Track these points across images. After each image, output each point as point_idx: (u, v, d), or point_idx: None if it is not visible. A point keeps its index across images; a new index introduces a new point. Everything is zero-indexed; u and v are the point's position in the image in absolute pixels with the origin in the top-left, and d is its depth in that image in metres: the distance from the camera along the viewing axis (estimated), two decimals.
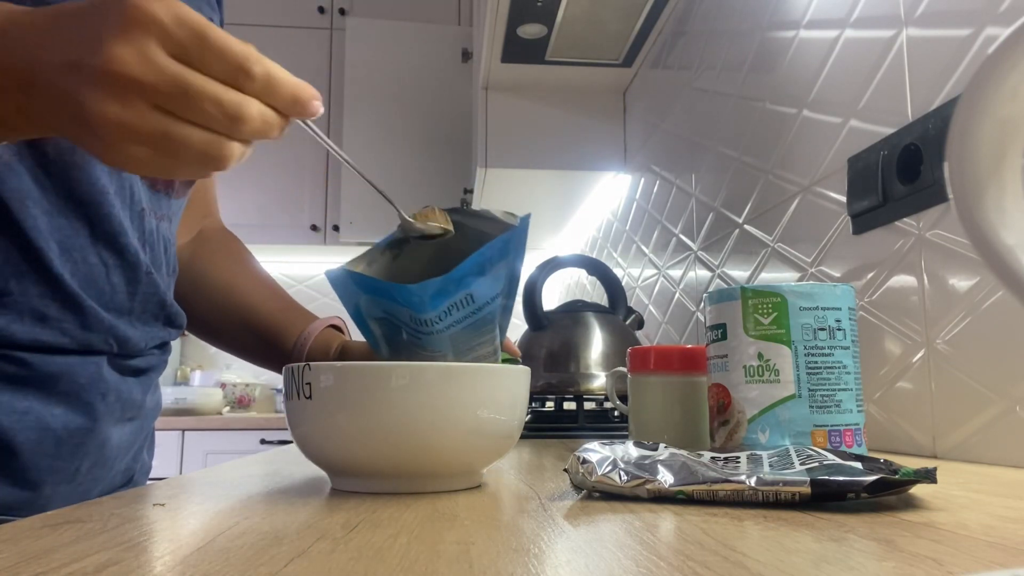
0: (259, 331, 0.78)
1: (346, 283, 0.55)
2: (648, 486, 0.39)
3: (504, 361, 0.70)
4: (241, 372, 2.92)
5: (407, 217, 0.56)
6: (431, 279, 0.51)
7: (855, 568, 0.24)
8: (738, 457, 0.43)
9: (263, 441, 2.46)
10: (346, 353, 0.76)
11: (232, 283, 0.80)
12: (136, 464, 0.69)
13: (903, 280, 0.75)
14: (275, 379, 3.02)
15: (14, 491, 0.54)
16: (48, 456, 0.56)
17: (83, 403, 0.57)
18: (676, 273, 1.51)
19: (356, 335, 0.80)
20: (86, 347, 0.57)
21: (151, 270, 0.62)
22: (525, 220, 0.56)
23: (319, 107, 0.42)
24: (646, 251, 1.73)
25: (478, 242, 0.53)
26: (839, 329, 0.55)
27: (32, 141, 0.53)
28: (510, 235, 0.54)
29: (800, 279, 0.97)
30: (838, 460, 0.39)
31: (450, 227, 0.57)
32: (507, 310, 0.60)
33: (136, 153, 0.38)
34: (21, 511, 0.54)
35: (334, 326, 0.80)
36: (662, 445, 0.47)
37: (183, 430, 2.44)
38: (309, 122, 0.44)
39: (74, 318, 0.56)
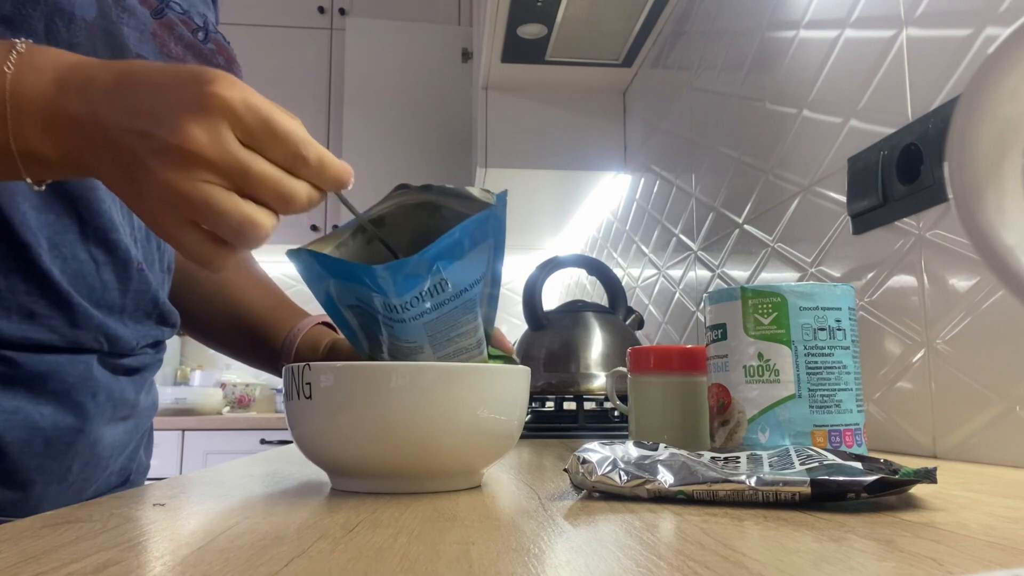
0: (248, 328, 0.78)
1: (311, 266, 0.50)
2: (648, 486, 0.39)
3: (495, 358, 0.65)
4: (241, 372, 2.92)
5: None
6: (400, 259, 0.47)
7: (855, 568, 0.24)
8: (738, 457, 0.43)
9: (263, 441, 2.46)
10: (335, 350, 0.75)
11: (224, 281, 0.79)
12: (132, 464, 0.68)
13: (903, 280, 0.75)
14: (275, 379, 3.02)
15: (4, 491, 0.54)
16: (37, 456, 0.55)
17: (73, 402, 0.57)
18: (676, 273, 1.51)
19: None
20: (75, 345, 0.57)
21: (143, 267, 0.62)
22: (502, 197, 0.51)
23: (351, 182, 0.46)
24: (646, 251, 1.73)
25: (456, 223, 0.49)
26: (839, 329, 0.55)
27: None
28: (486, 215, 0.49)
29: (800, 279, 0.97)
30: (838, 460, 0.39)
31: None
32: (492, 300, 0.56)
33: (177, 218, 0.41)
34: (12, 511, 0.54)
35: (326, 323, 0.79)
36: (662, 445, 0.47)
37: (183, 430, 2.44)
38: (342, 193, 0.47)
39: (63, 315, 0.56)
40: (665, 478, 0.40)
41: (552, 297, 2.95)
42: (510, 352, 0.69)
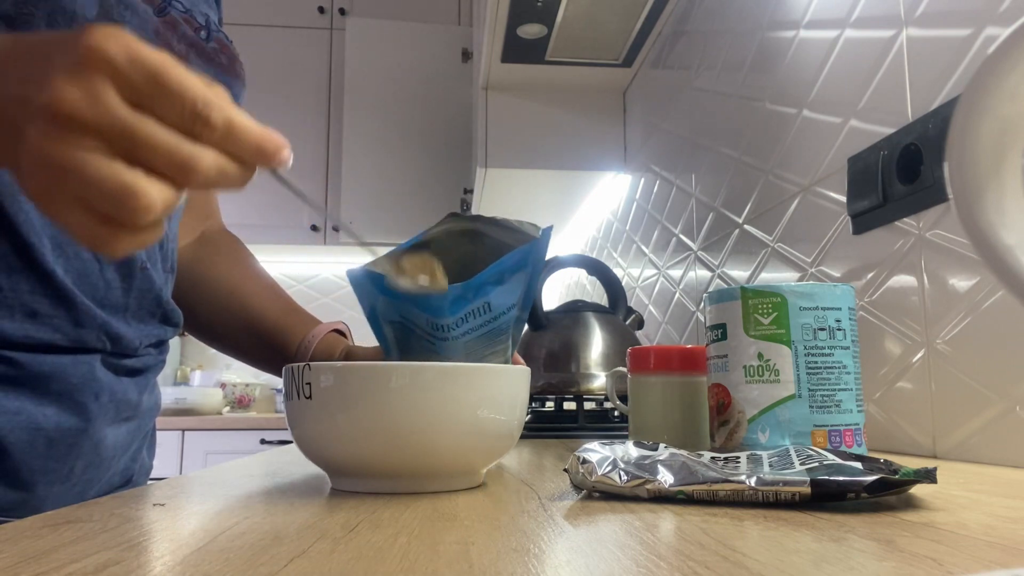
0: (262, 334, 0.78)
1: (365, 283, 0.55)
2: (648, 486, 0.39)
3: None
4: (241, 372, 2.93)
5: (390, 272, 0.53)
6: (452, 284, 0.51)
7: (855, 568, 0.24)
8: (738, 457, 0.43)
9: (263, 441, 2.46)
10: (351, 358, 0.75)
11: (235, 286, 0.80)
12: (135, 464, 0.69)
13: (903, 280, 0.75)
14: (275, 379, 3.02)
15: (7, 492, 0.54)
16: (40, 457, 0.55)
17: (76, 403, 0.57)
18: (676, 273, 1.51)
19: (359, 340, 0.80)
20: (78, 344, 0.57)
21: (146, 266, 0.62)
22: (547, 232, 0.56)
23: (288, 157, 0.39)
24: (646, 251, 1.73)
25: (498, 252, 0.53)
26: (839, 329, 0.55)
27: None
28: (531, 246, 0.54)
29: (800, 279, 0.97)
30: (838, 460, 0.39)
31: (443, 285, 0.54)
32: (520, 322, 0.60)
33: (62, 196, 0.35)
34: (15, 512, 0.54)
35: (338, 331, 0.79)
36: (662, 445, 0.47)
37: (183, 430, 2.44)
38: (280, 172, 0.40)
39: (66, 314, 0.56)
40: (665, 478, 0.40)
41: (552, 297, 2.95)
42: None
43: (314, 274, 3.17)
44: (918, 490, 0.42)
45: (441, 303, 0.51)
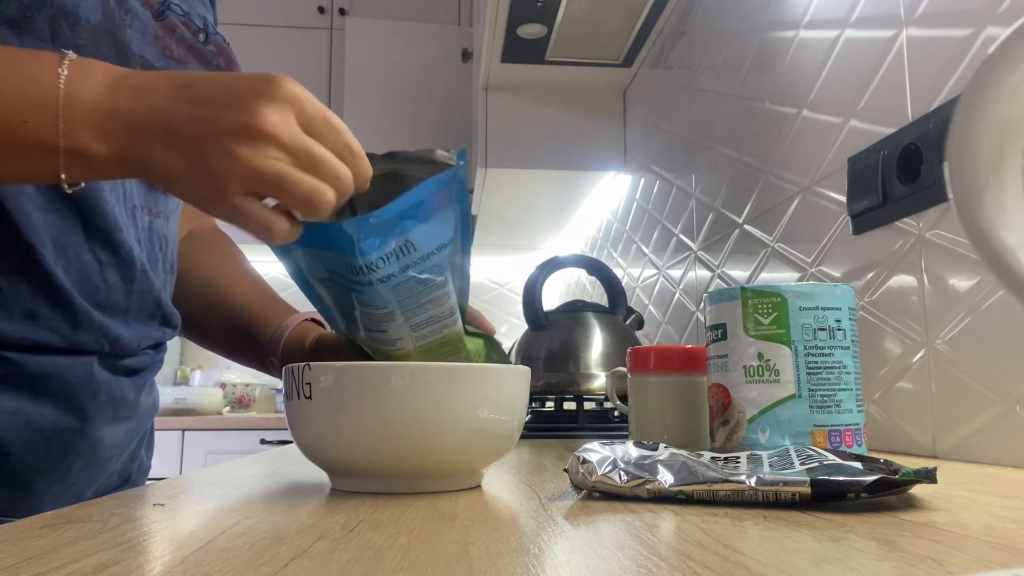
0: (239, 325, 0.78)
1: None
2: (648, 486, 0.39)
3: (472, 336, 0.65)
4: (241, 372, 2.92)
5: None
6: (362, 215, 0.48)
7: (855, 568, 0.24)
8: (738, 457, 0.43)
9: (263, 441, 2.46)
10: (320, 345, 0.75)
11: (215, 278, 0.80)
12: (133, 464, 0.69)
13: (903, 280, 0.75)
14: (275, 379, 3.01)
15: (5, 491, 0.54)
16: (38, 456, 0.55)
17: (73, 403, 0.57)
18: (676, 273, 1.51)
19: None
20: (76, 346, 0.57)
21: (146, 267, 0.62)
22: (463, 154, 0.53)
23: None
24: (646, 251, 1.73)
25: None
26: (839, 329, 0.55)
27: None
28: (448, 175, 0.51)
29: (800, 279, 0.97)
30: (838, 460, 0.39)
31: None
32: (461, 269, 0.56)
33: (243, 191, 0.44)
34: (13, 511, 0.54)
35: (314, 319, 0.79)
36: (662, 445, 0.47)
37: (183, 430, 2.44)
38: None
39: (64, 316, 0.56)
40: (665, 478, 0.40)
41: (552, 297, 2.95)
42: (489, 331, 0.68)
43: None
44: (918, 490, 0.42)
45: (352, 237, 0.48)
